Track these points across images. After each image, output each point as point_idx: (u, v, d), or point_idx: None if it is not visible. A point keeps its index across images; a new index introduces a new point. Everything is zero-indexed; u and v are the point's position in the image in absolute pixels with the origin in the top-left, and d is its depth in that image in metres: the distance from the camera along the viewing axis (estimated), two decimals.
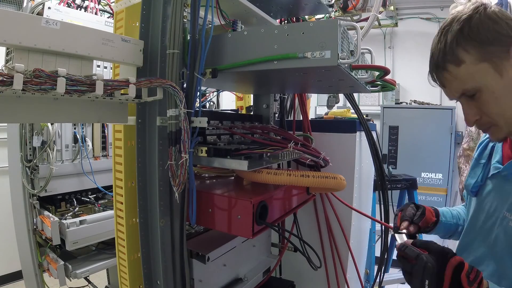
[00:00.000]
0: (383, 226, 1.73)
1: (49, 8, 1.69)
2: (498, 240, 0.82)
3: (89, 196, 2.00)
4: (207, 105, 2.31)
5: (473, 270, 0.71)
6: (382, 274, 1.80)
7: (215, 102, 2.52)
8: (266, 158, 1.02)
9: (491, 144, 0.92)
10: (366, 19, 2.37)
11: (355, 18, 3.46)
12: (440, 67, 0.78)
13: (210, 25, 0.90)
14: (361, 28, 2.01)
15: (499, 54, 0.72)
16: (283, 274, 1.63)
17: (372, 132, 1.60)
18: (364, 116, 1.60)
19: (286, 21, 1.41)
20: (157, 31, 0.91)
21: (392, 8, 3.97)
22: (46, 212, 1.78)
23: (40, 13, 1.69)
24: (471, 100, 0.78)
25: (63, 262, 1.70)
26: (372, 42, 4.31)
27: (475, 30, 0.72)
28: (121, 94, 0.82)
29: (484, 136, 0.97)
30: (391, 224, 1.03)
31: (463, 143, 2.39)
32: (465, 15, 0.74)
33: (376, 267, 1.90)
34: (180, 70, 0.89)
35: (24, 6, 1.83)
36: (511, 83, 0.72)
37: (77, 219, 1.68)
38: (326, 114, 1.79)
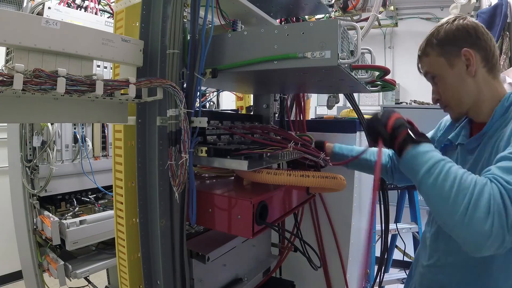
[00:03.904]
0: (383, 226, 1.73)
1: (49, 8, 1.69)
2: None
3: (89, 196, 2.00)
4: (207, 105, 2.31)
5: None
6: (382, 274, 1.80)
7: (215, 102, 2.52)
8: (266, 158, 1.02)
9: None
10: (366, 19, 2.37)
11: (355, 18, 3.46)
12: (418, 56, 1.05)
13: (210, 25, 0.90)
14: (361, 28, 2.01)
15: (453, 53, 0.94)
16: (283, 274, 1.63)
17: None
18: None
19: (286, 21, 1.41)
20: (157, 31, 0.91)
21: (392, 8, 3.97)
22: (46, 212, 1.78)
23: (40, 13, 1.69)
24: (434, 84, 1.02)
25: (63, 262, 1.70)
26: (372, 42, 4.31)
27: (440, 34, 0.97)
28: (121, 94, 0.81)
29: None
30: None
31: None
32: (441, 23, 0.99)
33: (376, 267, 1.90)
34: (180, 70, 0.89)
35: (24, 6, 1.83)
36: (459, 74, 0.95)
37: (77, 219, 1.68)
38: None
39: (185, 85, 0.93)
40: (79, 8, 1.92)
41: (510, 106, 0.89)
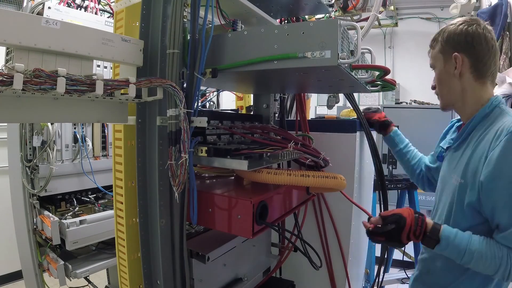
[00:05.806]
0: None
1: (49, 8, 1.69)
2: (443, 193, 1.15)
3: (89, 196, 2.00)
4: (207, 105, 2.31)
5: (417, 226, 0.99)
6: (382, 274, 1.81)
7: (215, 102, 2.52)
8: (266, 158, 1.02)
9: (456, 125, 1.24)
10: (366, 19, 2.37)
11: (355, 18, 3.46)
12: (430, 46, 1.19)
13: (210, 25, 0.90)
14: (361, 28, 2.01)
15: (449, 52, 1.08)
16: (283, 274, 1.63)
17: (372, 132, 1.60)
18: None
19: (286, 21, 1.40)
20: (157, 31, 0.91)
21: (392, 8, 3.97)
22: (46, 212, 1.78)
23: (40, 13, 1.69)
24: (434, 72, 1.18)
25: (63, 262, 1.70)
26: (372, 42, 4.31)
27: (445, 33, 1.10)
28: (121, 94, 0.82)
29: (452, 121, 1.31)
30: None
31: None
32: (451, 22, 1.12)
33: (376, 267, 1.90)
34: (180, 70, 0.89)
35: (24, 6, 1.83)
36: (448, 72, 1.09)
37: (77, 219, 1.68)
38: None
39: (185, 85, 0.93)
40: (79, 8, 1.92)
41: (491, 111, 1.03)
